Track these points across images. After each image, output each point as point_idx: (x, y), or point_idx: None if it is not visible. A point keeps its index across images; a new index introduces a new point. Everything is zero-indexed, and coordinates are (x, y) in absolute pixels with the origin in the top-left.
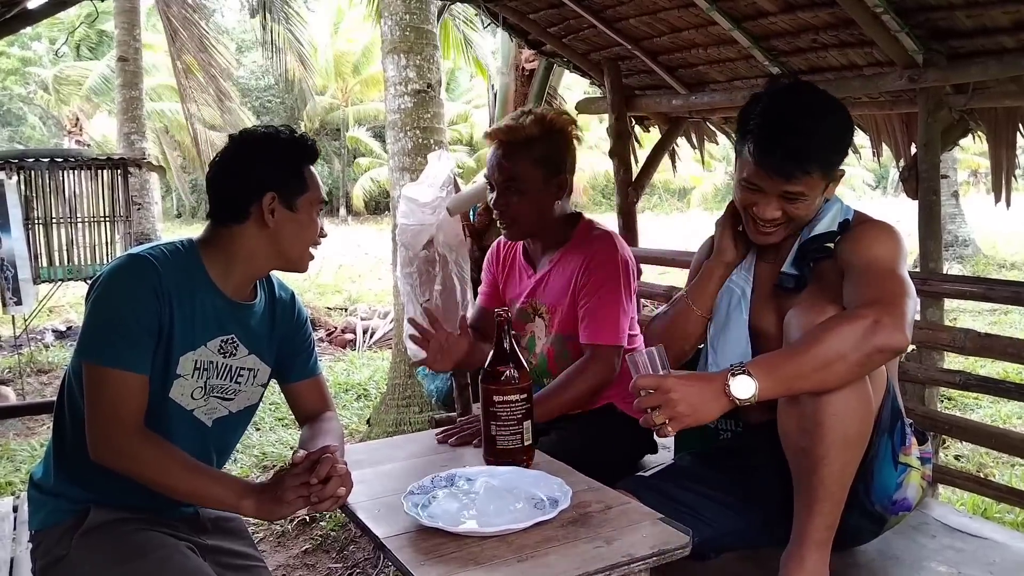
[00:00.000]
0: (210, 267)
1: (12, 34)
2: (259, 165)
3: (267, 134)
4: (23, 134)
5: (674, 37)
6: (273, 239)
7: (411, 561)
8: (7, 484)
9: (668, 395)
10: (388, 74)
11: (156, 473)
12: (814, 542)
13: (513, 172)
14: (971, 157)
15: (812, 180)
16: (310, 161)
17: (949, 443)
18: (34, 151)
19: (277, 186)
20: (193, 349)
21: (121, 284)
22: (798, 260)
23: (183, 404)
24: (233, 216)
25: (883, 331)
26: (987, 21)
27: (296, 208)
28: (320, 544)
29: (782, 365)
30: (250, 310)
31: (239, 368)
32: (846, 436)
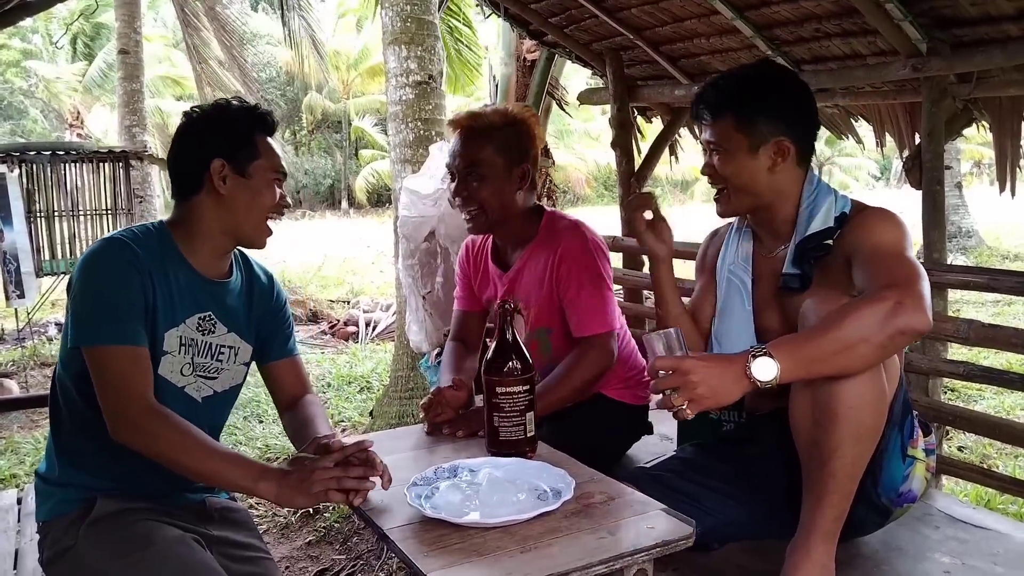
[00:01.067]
0: (180, 245)
1: (11, 26)
2: (208, 134)
3: (216, 105)
4: (24, 127)
5: (676, 27)
6: (228, 208)
7: (414, 552)
8: (11, 476)
9: (688, 377)
10: (389, 65)
11: (174, 450)
12: (822, 533)
13: (475, 157)
14: (974, 147)
15: (724, 128)
16: (263, 130)
17: (952, 434)
18: (35, 144)
19: (226, 153)
20: (175, 326)
21: (102, 265)
22: (798, 259)
23: (174, 381)
24: (190, 188)
25: (905, 312)
26: (991, 9)
27: (249, 174)
28: (324, 536)
29: (804, 347)
30: (225, 288)
31: (219, 346)
32: (859, 429)
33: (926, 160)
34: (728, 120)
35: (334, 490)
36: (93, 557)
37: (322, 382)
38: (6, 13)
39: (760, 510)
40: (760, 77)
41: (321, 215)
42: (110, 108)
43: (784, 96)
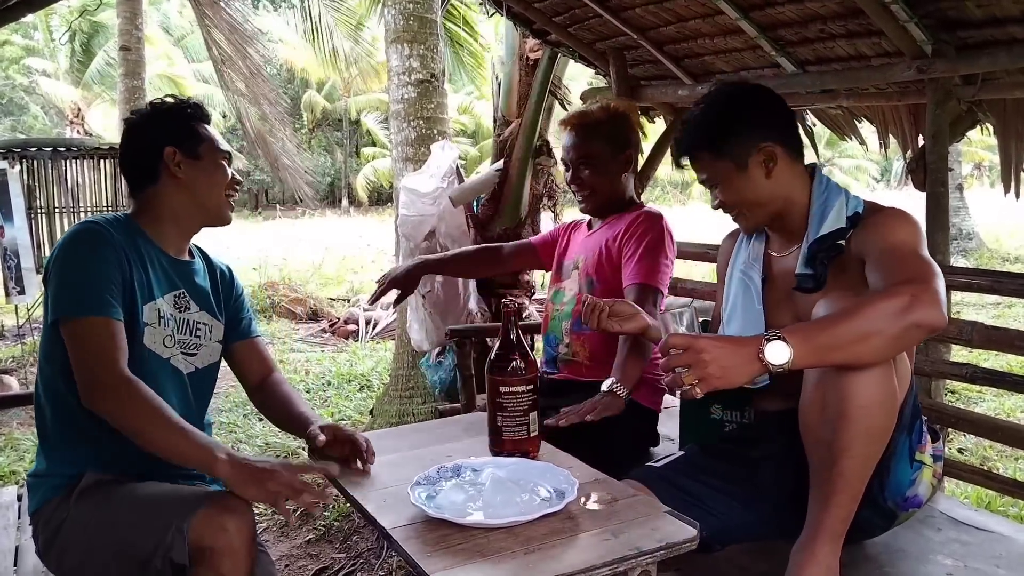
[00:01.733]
0: (148, 231)
1: (13, 21)
2: (153, 128)
3: (152, 104)
4: (25, 124)
5: (680, 27)
6: (189, 189)
7: (417, 552)
8: (11, 473)
9: (700, 355)
10: (391, 64)
11: (141, 419)
12: (828, 534)
13: (586, 150)
14: (975, 150)
15: (706, 163)
16: (201, 119)
17: (953, 436)
18: (37, 140)
19: (174, 140)
20: (152, 300)
21: (82, 245)
22: (811, 261)
23: (159, 352)
24: (147, 178)
25: (921, 307)
26: (997, 11)
27: (200, 155)
28: (323, 534)
29: (819, 334)
30: (191, 267)
31: (196, 322)
32: (870, 428)
33: (930, 162)
34: (705, 156)
35: (287, 498)
36: (87, 526)
37: (322, 380)
38: (9, 9)
39: (764, 511)
40: (715, 103)
41: (321, 213)
42: (111, 104)
43: (743, 108)
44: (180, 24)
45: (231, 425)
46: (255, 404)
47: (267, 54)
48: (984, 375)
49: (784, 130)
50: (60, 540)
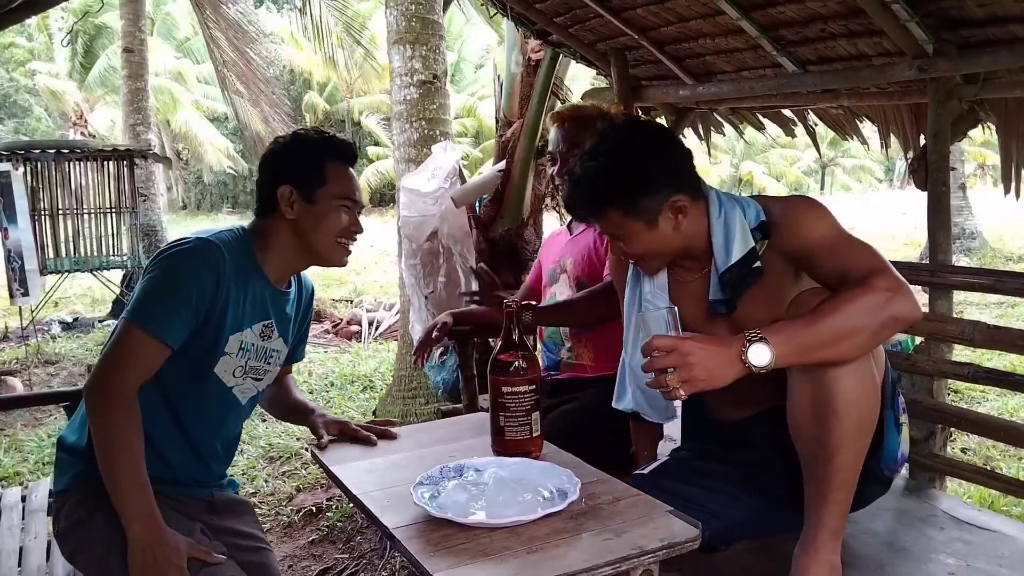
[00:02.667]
0: (258, 254)
1: (17, 23)
2: (282, 161)
3: (295, 134)
4: (28, 126)
5: (681, 27)
6: (296, 231)
7: (420, 552)
8: (15, 474)
9: (686, 358)
10: (394, 65)
11: (108, 438)
12: (828, 532)
13: (578, 140)
14: (978, 149)
15: (614, 221)
16: (336, 158)
17: (956, 436)
18: (40, 142)
19: (293, 179)
20: (240, 330)
21: (188, 262)
22: (727, 287)
23: (225, 381)
24: (264, 208)
25: (899, 301)
26: (998, 10)
27: (314, 200)
28: (327, 535)
29: (800, 334)
30: (287, 298)
31: (271, 350)
32: (860, 422)
33: (932, 161)
34: (613, 215)
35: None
36: (106, 534)
37: (325, 381)
38: (12, 11)
39: (763, 508)
40: (615, 158)
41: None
42: (113, 106)
43: (647, 162)
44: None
45: None
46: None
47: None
48: (987, 375)
49: (687, 174)
50: (76, 538)
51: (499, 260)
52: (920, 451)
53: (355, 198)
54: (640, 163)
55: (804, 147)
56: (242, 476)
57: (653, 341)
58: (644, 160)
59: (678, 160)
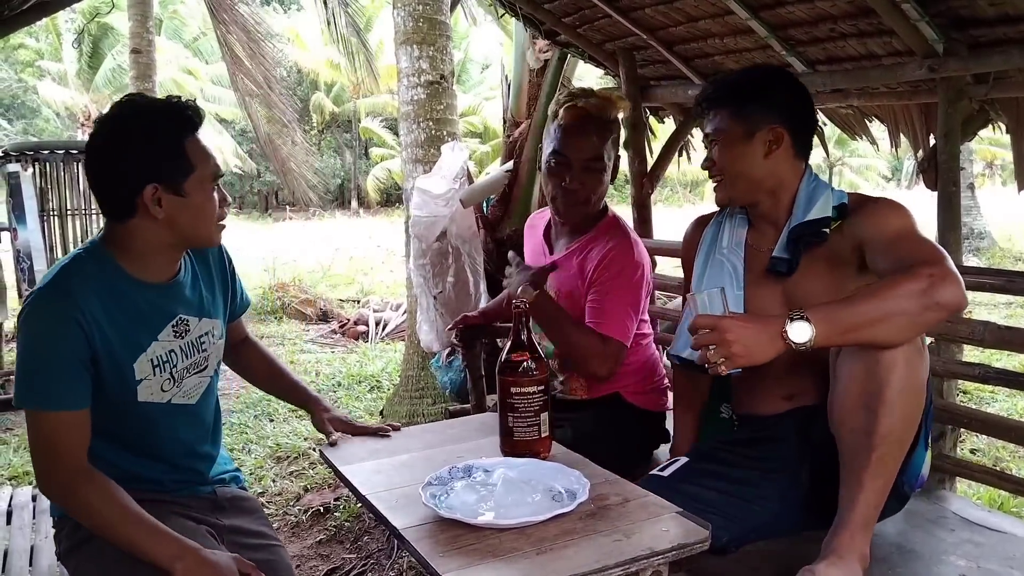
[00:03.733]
0: (125, 265)
1: (28, 25)
2: (134, 154)
3: (136, 113)
4: (37, 127)
5: (690, 27)
6: (170, 227)
7: (430, 553)
8: (25, 474)
9: (725, 335)
10: (401, 65)
11: (98, 518)
12: (861, 521)
13: (599, 151)
14: (986, 148)
15: (721, 118)
16: (192, 131)
17: (965, 436)
18: (49, 143)
19: (157, 176)
20: (142, 351)
21: (44, 324)
22: (790, 244)
23: (158, 400)
24: (122, 211)
25: (943, 287)
26: (1010, 9)
27: (185, 192)
28: (334, 535)
29: (841, 314)
30: (180, 285)
31: (199, 337)
32: (906, 416)
33: (941, 161)
34: (724, 111)
35: None
36: (109, 549)
37: (332, 381)
38: (24, 12)
39: (781, 511)
40: (757, 73)
41: (331, 215)
42: None
43: (777, 88)
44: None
45: (242, 426)
46: (228, 364)
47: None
48: (997, 375)
49: (800, 125)
50: (80, 555)
51: (506, 260)
52: None
53: (221, 172)
54: (765, 80)
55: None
56: (250, 476)
57: (696, 320)
58: (770, 80)
59: (802, 105)
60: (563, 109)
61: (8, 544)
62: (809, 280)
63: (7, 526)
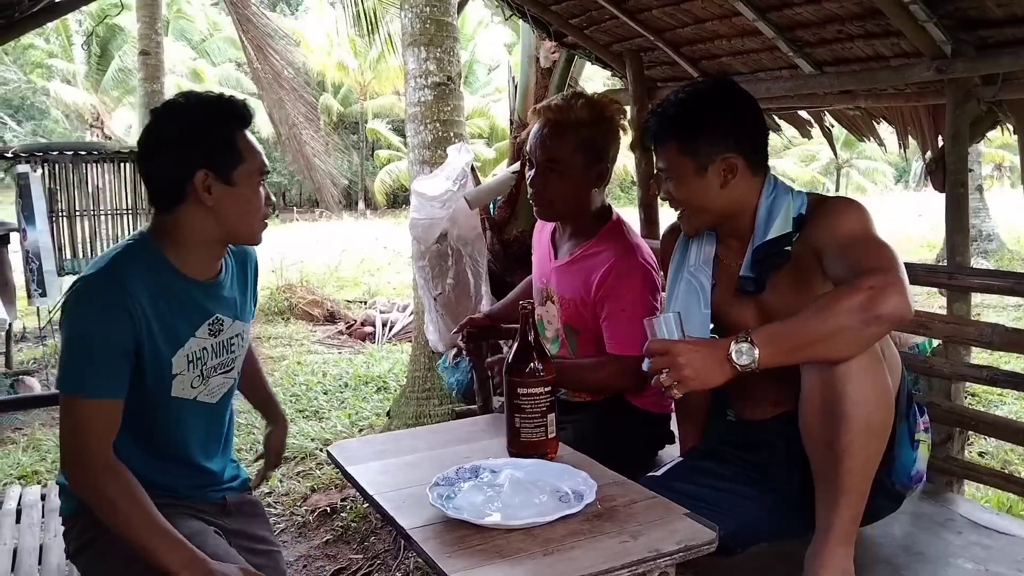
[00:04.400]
0: (171, 257)
1: (39, 27)
2: (187, 140)
3: (189, 104)
4: (46, 128)
5: (697, 28)
6: (217, 217)
7: (437, 553)
8: (33, 473)
9: (676, 359)
10: (408, 67)
11: (116, 515)
12: (840, 536)
13: (556, 153)
14: (994, 150)
15: (669, 154)
16: (242, 126)
17: (973, 439)
18: (58, 144)
19: (208, 162)
20: (182, 345)
21: (90, 310)
22: (756, 264)
23: (186, 396)
24: (172, 199)
25: (882, 300)
26: (1018, 10)
27: (234, 181)
28: (341, 535)
29: (784, 335)
30: (221, 285)
31: (230, 339)
32: (870, 426)
33: (950, 163)
34: (671, 146)
35: None
36: (119, 550)
37: (339, 382)
38: (35, 14)
39: (777, 510)
40: (696, 98)
41: (338, 216)
42: (130, 108)
43: (722, 114)
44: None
45: (249, 426)
46: None
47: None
48: (1006, 378)
49: (752, 146)
50: (90, 553)
51: (512, 262)
52: (938, 454)
53: (267, 169)
54: (709, 107)
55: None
56: None
57: (649, 345)
58: (714, 106)
59: (750, 122)
60: (535, 109)
61: (18, 543)
62: (780, 293)
63: (16, 525)
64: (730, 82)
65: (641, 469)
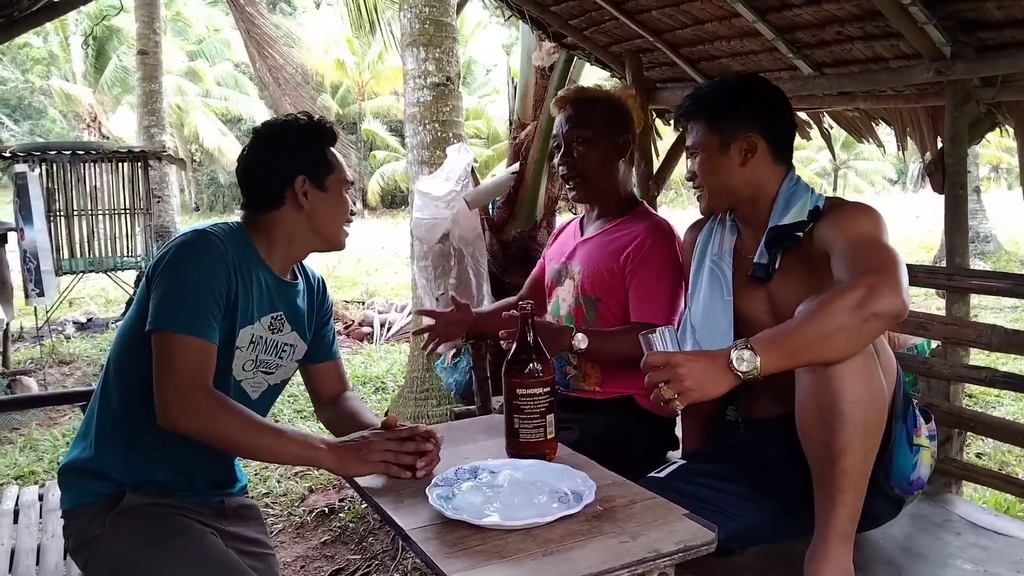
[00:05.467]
0: (259, 249)
1: (38, 26)
2: (286, 152)
3: (287, 123)
4: (43, 127)
5: (697, 29)
6: (310, 219)
7: (436, 554)
8: (31, 473)
9: (676, 370)
10: (407, 67)
11: (233, 429)
12: (838, 536)
13: (584, 124)
14: (992, 152)
15: (698, 131)
16: (331, 142)
17: (971, 440)
18: (56, 143)
19: (306, 169)
20: (251, 324)
21: (194, 256)
22: (768, 246)
23: (235, 375)
24: (270, 203)
25: (877, 298)
26: (1017, 12)
27: (326, 188)
28: (339, 536)
29: (782, 339)
30: (294, 289)
31: (283, 344)
32: (866, 425)
33: (949, 164)
34: (700, 124)
35: (391, 462)
36: (120, 545)
37: None
38: (34, 13)
39: (779, 512)
40: (730, 83)
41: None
42: (128, 107)
43: (749, 97)
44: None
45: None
46: (322, 420)
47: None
48: (1004, 379)
49: (776, 132)
50: (89, 552)
51: (512, 262)
52: (937, 455)
53: (352, 181)
54: (738, 91)
55: (817, 149)
56: (255, 476)
57: (648, 358)
58: (743, 90)
59: (774, 112)
60: (555, 100)
61: (15, 543)
62: (789, 284)
63: (14, 525)
64: (763, 78)
65: (645, 471)
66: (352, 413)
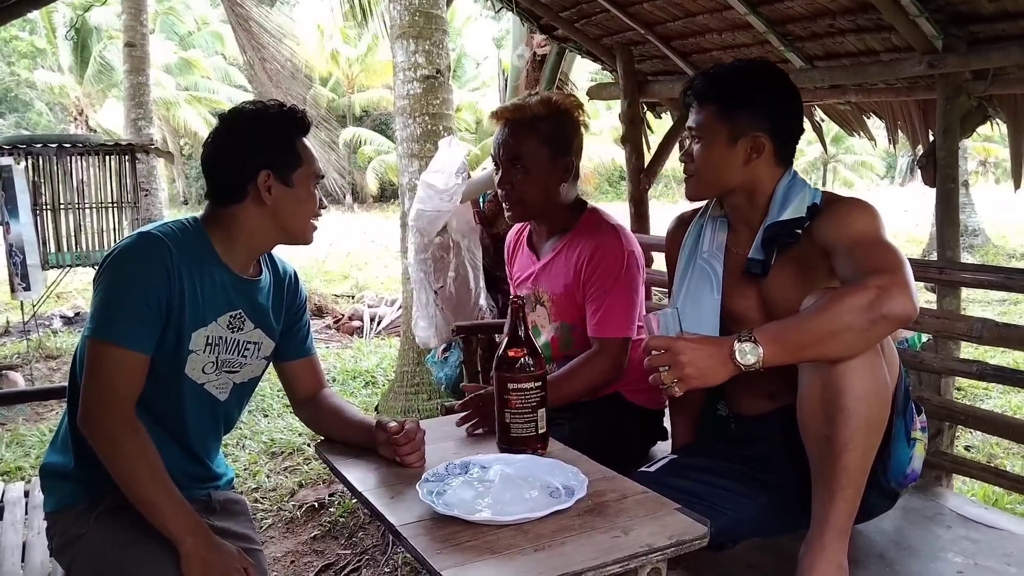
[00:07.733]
0: (217, 246)
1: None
2: (251, 143)
3: (256, 111)
4: (30, 120)
5: (688, 22)
6: (273, 215)
7: (427, 549)
8: (17, 469)
9: (678, 356)
10: (397, 60)
11: (125, 469)
12: (835, 531)
13: (519, 150)
14: (980, 145)
15: (708, 115)
16: (302, 133)
17: (960, 433)
18: (42, 136)
19: (271, 163)
20: (204, 325)
21: (132, 262)
22: (764, 244)
23: (195, 379)
24: (231, 196)
25: (888, 299)
26: (1009, 5)
27: (292, 183)
28: (329, 530)
29: (788, 333)
30: (256, 286)
31: (246, 342)
32: (869, 420)
33: (940, 158)
34: (712, 108)
35: None
36: (105, 544)
37: (327, 377)
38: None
39: (771, 506)
40: (751, 72)
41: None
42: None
43: (769, 94)
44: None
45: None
46: (301, 418)
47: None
48: (994, 372)
49: (785, 134)
50: (73, 552)
51: (503, 256)
52: (927, 449)
53: (322, 174)
54: (763, 86)
55: (806, 143)
56: (244, 471)
57: (650, 341)
58: (767, 87)
59: (789, 114)
60: (492, 113)
61: (0, 540)
62: (783, 282)
63: None
64: (783, 71)
65: (634, 465)
66: (334, 409)
